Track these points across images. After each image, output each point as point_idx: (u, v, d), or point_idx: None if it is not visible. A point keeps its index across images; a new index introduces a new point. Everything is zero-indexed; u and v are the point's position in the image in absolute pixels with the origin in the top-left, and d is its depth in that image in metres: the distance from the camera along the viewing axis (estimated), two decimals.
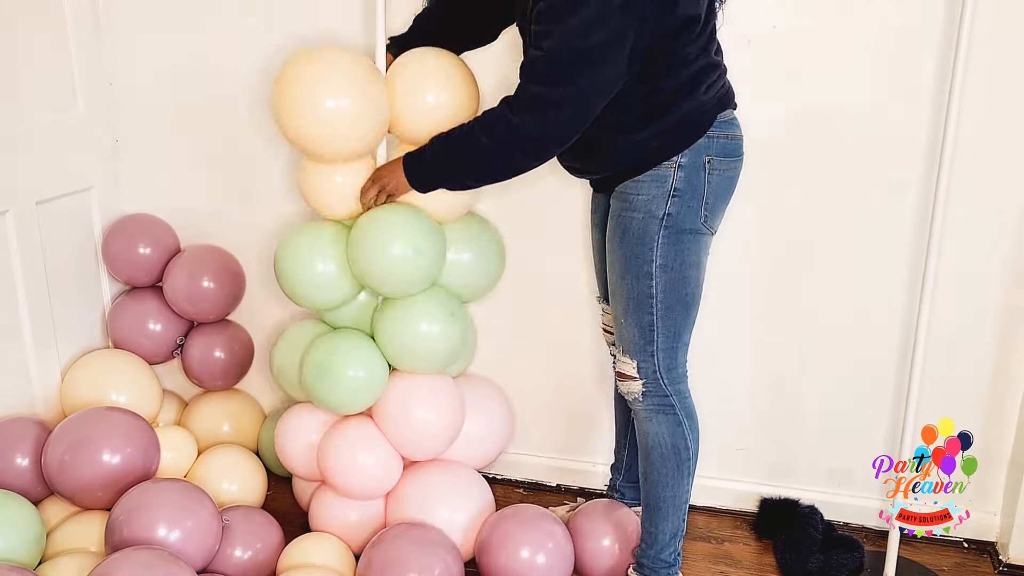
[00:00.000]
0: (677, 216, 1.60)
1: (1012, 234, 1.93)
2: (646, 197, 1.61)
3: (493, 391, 2.17)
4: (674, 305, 1.65)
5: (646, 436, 1.75)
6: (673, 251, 1.62)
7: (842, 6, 1.88)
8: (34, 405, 2.05)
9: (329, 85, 1.71)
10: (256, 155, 2.25)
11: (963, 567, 2.04)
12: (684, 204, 1.60)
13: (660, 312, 1.65)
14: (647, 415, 1.73)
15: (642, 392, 1.71)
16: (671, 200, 1.60)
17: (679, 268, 1.63)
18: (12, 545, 1.66)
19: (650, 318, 1.65)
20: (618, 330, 1.72)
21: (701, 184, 1.61)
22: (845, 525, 2.16)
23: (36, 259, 2.02)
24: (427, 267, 1.81)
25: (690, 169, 1.60)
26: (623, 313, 1.68)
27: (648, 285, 1.63)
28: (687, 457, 1.74)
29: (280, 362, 2.04)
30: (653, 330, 1.66)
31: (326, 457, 1.91)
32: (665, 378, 1.70)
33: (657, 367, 1.68)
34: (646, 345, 1.67)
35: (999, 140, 1.88)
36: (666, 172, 1.59)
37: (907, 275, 2.00)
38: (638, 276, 1.63)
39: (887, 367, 2.07)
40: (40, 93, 2.03)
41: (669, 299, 1.64)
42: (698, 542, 2.12)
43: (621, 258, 1.65)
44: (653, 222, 1.61)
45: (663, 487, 1.75)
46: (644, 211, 1.61)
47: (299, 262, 1.88)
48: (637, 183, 1.62)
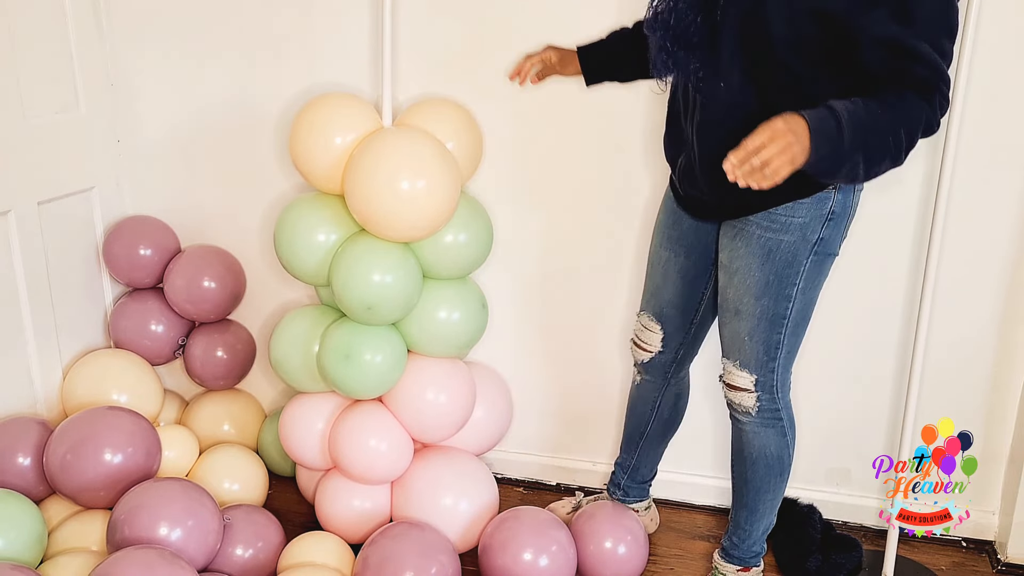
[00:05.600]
0: (828, 240, 1.56)
1: (1012, 234, 1.94)
2: (802, 220, 1.53)
3: (493, 377, 2.19)
4: (800, 323, 1.65)
5: (751, 447, 1.75)
6: (816, 274, 1.60)
7: None
8: (36, 405, 2.05)
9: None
10: (256, 155, 2.25)
11: (962, 566, 2.05)
12: (836, 227, 1.56)
13: (789, 330, 1.63)
14: (756, 428, 1.73)
15: (756, 407, 1.70)
16: (827, 224, 1.54)
17: (814, 290, 1.62)
18: (14, 544, 1.66)
19: (778, 336, 1.63)
20: (736, 345, 1.68)
21: (852, 205, 1.57)
22: (844, 524, 2.16)
23: (38, 259, 2.02)
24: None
25: (847, 189, 1.54)
26: (749, 331, 1.64)
27: (785, 307, 1.60)
28: (789, 464, 1.76)
29: (278, 351, 2.04)
30: (779, 347, 1.65)
31: (338, 443, 1.93)
32: (780, 391, 1.70)
33: (775, 382, 1.68)
34: (768, 361, 1.66)
35: (999, 140, 1.88)
36: (827, 194, 1.53)
37: (907, 275, 2.00)
38: (777, 298, 1.59)
39: (887, 367, 2.07)
40: (42, 93, 2.03)
41: (798, 318, 1.63)
42: (698, 541, 2.13)
43: (760, 279, 1.59)
44: (805, 246, 1.55)
45: (765, 492, 1.78)
46: (798, 234, 1.54)
47: (298, 232, 1.92)
48: (794, 204, 1.53)
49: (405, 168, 1.76)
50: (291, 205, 1.98)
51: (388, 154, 1.78)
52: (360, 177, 1.79)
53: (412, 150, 1.79)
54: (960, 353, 2.02)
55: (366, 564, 1.76)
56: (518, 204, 2.14)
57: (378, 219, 1.80)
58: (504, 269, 2.19)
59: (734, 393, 1.72)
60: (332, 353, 1.89)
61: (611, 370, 2.22)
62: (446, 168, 1.80)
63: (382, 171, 1.77)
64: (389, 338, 1.92)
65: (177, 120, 2.27)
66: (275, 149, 2.23)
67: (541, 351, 2.26)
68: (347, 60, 2.11)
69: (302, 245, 1.93)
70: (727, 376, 1.73)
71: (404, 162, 1.77)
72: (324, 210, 1.94)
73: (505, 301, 2.22)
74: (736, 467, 1.81)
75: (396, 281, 1.84)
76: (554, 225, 2.15)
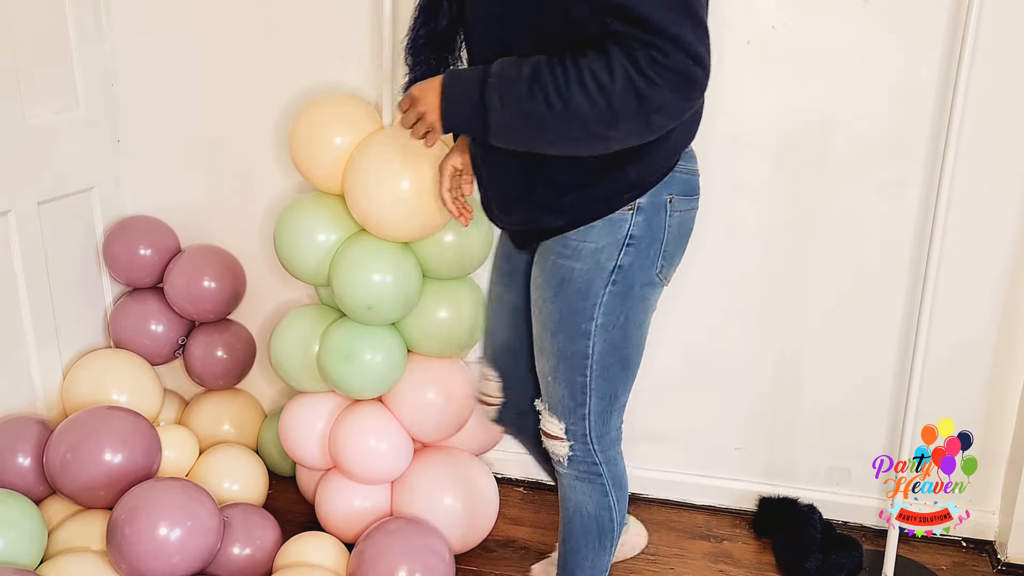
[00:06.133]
0: (629, 268, 1.35)
1: (1012, 235, 1.94)
2: (594, 246, 1.34)
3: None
4: (611, 366, 1.41)
5: (567, 502, 1.54)
6: (619, 308, 1.37)
7: (842, 7, 1.88)
8: (35, 404, 2.05)
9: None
10: (256, 155, 2.25)
11: (962, 566, 2.05)
12: (639, 253, 1.35)
13: (595, 373, 1.41)
14: (571, 482, 1.52)
15: (568, 456, 1.49)
16: (625, 250, 1.34)
17: (622, 326, 1.39)
18: (14, 545, 1.66)
19: (583, 379, 1.41)
20: (544, 386, 1.48)
21: (661, 229, 1.36)
22: (844, 524, 2.16)
23: (38, 259, 2.02)
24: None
25: (649, 212, 1.34)
26: (551, 371, 1.44)
27: (584, 345, 1.38)
28: (610, 530, 1.53)
29: (278, 351, 2.04)
30: (585, 392, 1.42)
31: (338, 443, 1.94)
32: (596, 444, 1.47)
33: (588, 432, 1.45)
34: (576, 408, 1.44)
35: (1000, 141, 1.88)
36: (622, 216, 1.33)
37: (907, 275, 2.00)
38: (573, 335, 1.38)
39: (887, 367, 2.07)
40: (41, 93, 2.03)
41: (607, 360, 1.40)
42: (697, 541, 2.13)
43: (554, 312, 1.39)
44: (600, 275, 1.35)
45: (581, 557, 1.55)
46: (591, 261, 1.34)
47: (298, 232, 1.92)
48: (585, 228, 1.34)
49: (405, 168, 1.77)
50: (291, 205, 1.98)
51: (388, 154, 1.78)
52: (360, 177, 1.79)
53: (412, 150, 1.79)
54: (960, 353, 2.02)
55: (361, 559, 1.76)
56: None
57: (378, 219, 1.80)
58: None
59: (548, 441, 1.50)
60: (332, 353, 1.89)
61: None
62: None
63: (382, 171, 1.77)
64: (389, 338, 1.92)
65: (177, 120, 2.27)
66: (275, 149, 2.23)
67: None
68: (347, 60, 2.11)
69: (302, 245, 1.93)
70: (541, 420, 1.51)
71: (404, 162, 1.77)
72: (324, 210, 1.94)
73: None
74: (561, 522, 1.59)
75: (396, 281, 1.84)
76: None
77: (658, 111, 1.15)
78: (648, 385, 2.21)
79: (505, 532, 2.14)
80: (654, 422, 2.23)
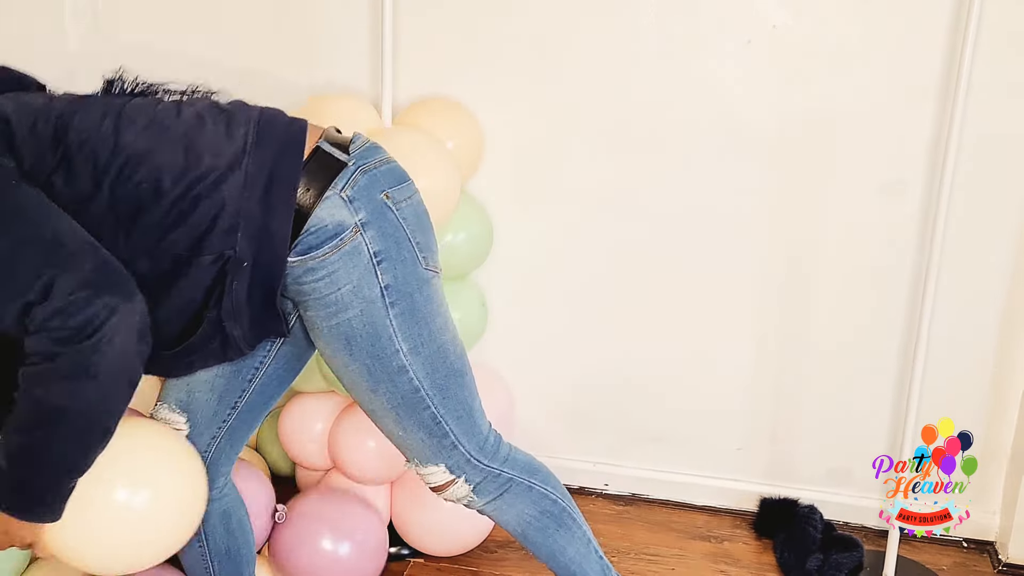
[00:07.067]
0: (395, 282, 1.25)
1: (1013, 235, 1.94)
2: (350, 286, 1.23)
3: (493, 377, 2.19)
4: (445, 381, 1.32)
5: (509, 525, 1.45)
6: (414, 324, 1.27)
7: (842, 6, 1.88)
8: None
9: None
10: None
11: (962, 566, 2.04)
12: (394, 263, 1.25)
13: (436, 399, 1.31)
14: (495, 507, 1.42)
15: (472, 488, 1.38)
16: (378, 269, 1.24)
17: (429, 338, 1.29)
18: None
19: (430, 411, 1.31)
20: (402, 446, 1.36)
21: (396, 227, 1.27)
22: (844, 524, 2.16)
23: None
24: None
25: (375, 220, 1.24)
26: (397, 426, 1.33)
27: (407, 379, 1.28)
28: (561, 508, 1.45)
29: None
30: (439, 422, 1.32)
31: (338, 443, 1.93)
32: (483, 459, 1.38)
33: (468, 454, 1.36)
34: (442, 440, 1.33)
35: (1000, 140, 1.88)
36: (355, 243, 1.23)
37: (908, 275, 2.00)
38: (392, 377, 1.28)
39: (887, 367, 2.07)
40: None
41: (437, 379, 1.31)
42: (698, 541, 2.13)
43: (361, 371, 1.28)
44: (375, 309, 1.24)
45: (563, 553, 1.46)
46: (358, 302, 1.24)
47: None
48: (328, 279, 1.22)
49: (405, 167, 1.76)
50: None
51: None
52: None
53: (412, 150, 1.78)
54: (961, 353, 2.02)
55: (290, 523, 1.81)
56: (518, 204, 2.14)
57: None
58: (504, 269, 2.19)
59: (444, 494, 1.39)
60: None
61: (612, 370, 2.22)
62: (446, 168, 1.80)
63: None
64: None
65: None
66: None
67: (541, 351, 2.26)
68: (347, 60, 2.11)
69: None
70: (424, 480, 1.40)
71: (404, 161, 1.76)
72: None
73: (505, 301, 2.21)
74: (530, 551, 1.50)
75: None
76: (554, 224, 2.15)
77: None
78: (648, 385, 2.21)
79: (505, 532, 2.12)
80: (654, 422, 2.23)
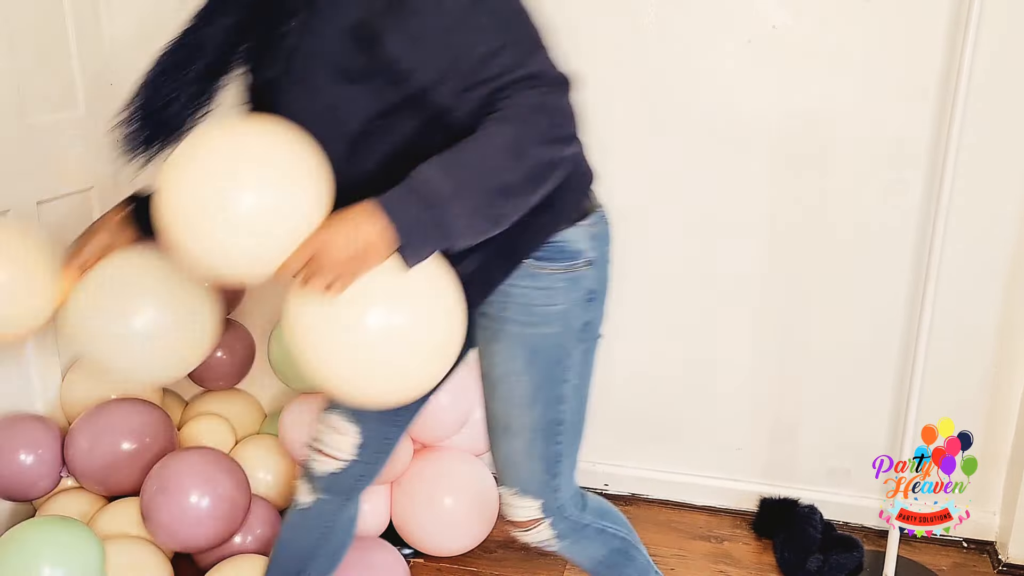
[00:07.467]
0: (593, 323, 1.32)
1: (1013, 234, 1.94)
2: (563, 307, 1.27)
3: None
4: (577, 427, 1.37)
5: (583, 563, 1.49)
6: (585, 365, 1.34)
7: (842, 6, 1.88)
8: (35, 405, 2.05)
9: None
10: None
11: (962, 567, 2.04)
12: (598, 307, 1.32)
13: (566, 439, 1.35)
14: (570, 549, 1.45)
15: (555, 533, 1.41)
16: (589, 306, 1.30)
17: (586, 384, 1.36)
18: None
19: (557, 448, 1.35)
20: (513, 470, 1.37)
21: (605, 279, 1.33)
22: (844, 524, 2.16)
23: None
24: None
25: (600, 264, 1.31)
26: (526, 449, 1.34)
27: (559, 411, 1.33)
28: (628, 544, 1.49)
29: (278, 351, 2.03)
30: (559, 461, 1.36)
31: None
32: (572, 508, 1.41)
33: (561, 500, 1.39)
34: (551, 480, 1.37)
35: (1001, 141, 1.88)
36: (581, 273, 1.28)
37: (908, 274, 2.00)
38: (550, 402, 1.32)
39: (887, 367, 2.07)
40: (40, 93, 2.03)
41: (575, 420, 1.36)
42: (698, 541, 2.13)
43: (528, 385, 1.30)
44: (571, 335, 1.30)
45: None
46: (560, 324, 1.28)
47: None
48: (549, 291, 1.27)
49: None
50: None
51: None
52: None
53: None
54: (961, 353, 2.02)
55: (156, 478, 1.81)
56: None
57: None
58: None
59: (525, 533, 1.41)
60: None
61: (611, 369, 2.22)
62: None
63: None
64: None
65: None
66: None
67: None
68: None
69: None
70: (509, 511, 1.41)
71: None
72: None
73: None
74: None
75: None
76: None
77: (557, 111, 1.15)
78: (648, 385, 2.21)
79: (505, 532, 2.14)
80: (654, 422, 2.23)
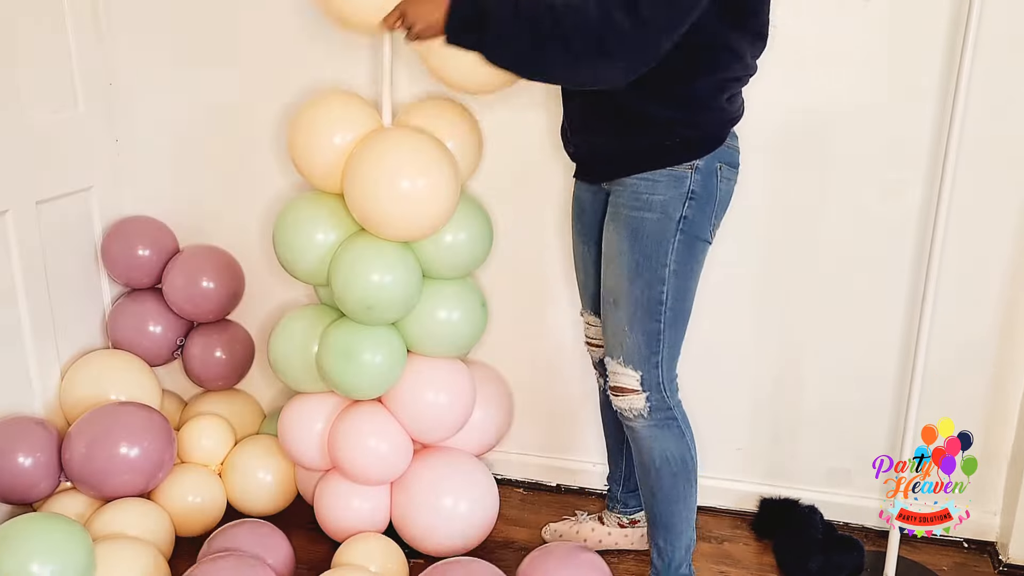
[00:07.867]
0: (692, 220, 1.56)
1: (1014, 234, 1.93)
2: (663, 198, 1.55)
3: (493, 377, 2.20)
4: (679, 313, 1.61)
5: (651, 453, 1.68)
6: (686, 256, 1.57)
7: (842, 6, 1.88)
8: (33, 405, 2.05)
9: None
10: (255, 154, 2.24)
11: (963, 567, 2.04)
12: (699, 209, 1.56)
13: (668, 319, 1.59)
14: (651, 432, 1.66)
15: (648, 407, 1.64)
16: (688, 203, 1.55)
17: (688, 275, 1.59)
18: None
19: (658, 325, 1.59)
20: (618, 339, 1.64)
21: (714, 190, 1.57)
22: (845, 525, 2.16)
23: (36, 259, 2.01)
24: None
25: (705, 174, 1.56)
26: (628, 320, 1.60)
27: (660, 291, 1.57)
28: (694, 467, 1.69)
29: (278, 351, 2.03)
30: (660, 339, 1.60)
31: (337, 443, 1.93)
32: (667, 389, 1.65)
33: (661, 378, 1.63)
34: (651, 355, 1.61)
35: (1001, 141, 1.88)
36: (683, 173, 1.54)
37: (908, 275, 2.00)
38: (651, 281, 1.57)
39: (887, 367, 2.07)
40: (40, 93, 2.03)
41: (676, 306, 1.59)
42: (698, 542, 2.12)
43: (631, 261, 1.58)
44: (670, 224, 1.55)
45: (676, 503, 1.70)
46: (660, 211, 1.55)
47: (298, 232, 1.92)
48: (653, 182, 1.55)
49: (405, 167, 1.76)
50: (290, 204, 1.97)
51: (388, 153, 1.77)
52: (360, 176, 1.79)
53: (412, 149, 1.78)
54: (961, 353, 2.01)
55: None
56: (518, 203, 2.14)
57: (378, 218, 1.80)
58: (504, 269, 2.18)
59: (622, 398, 1.66)
60: (332, 353, 1.89)
61: None
62: (446, 167, 1.80)
63: (382, 170, 1.76)
64: (389, 338, 1.91)
65: (175, 119, 2.27)
66: (274, 148, 2.23)
67: (541, 351, 2.26)
68: (347, 60, 2.11)
69: (301, 244, 1.92)
70: (612, 378, 1.67)
71: (404, 161, 1.77)
72: (323, 209, 1.93)
73: (505, 301, 2.21)
74: (642, 481, 1.73)
75: (396, 281, 1.84)
76: (554, 224, 2.15)
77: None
78: None
79: (505, 533, 2.14)
80: None
